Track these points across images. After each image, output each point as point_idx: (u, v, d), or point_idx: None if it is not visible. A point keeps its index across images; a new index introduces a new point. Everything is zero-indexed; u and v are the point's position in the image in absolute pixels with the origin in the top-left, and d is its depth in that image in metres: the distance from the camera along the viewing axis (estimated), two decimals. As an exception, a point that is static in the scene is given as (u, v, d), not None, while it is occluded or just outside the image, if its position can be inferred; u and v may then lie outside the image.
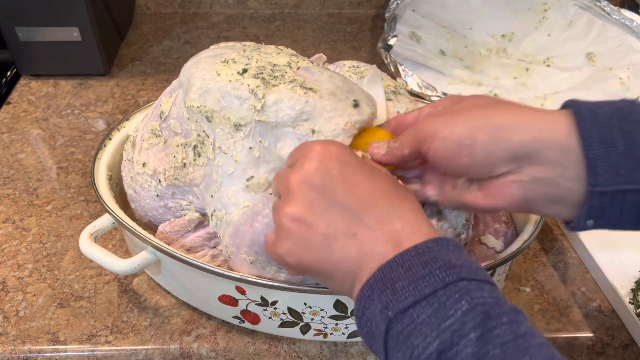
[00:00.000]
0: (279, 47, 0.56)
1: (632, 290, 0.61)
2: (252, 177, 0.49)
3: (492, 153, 0.39)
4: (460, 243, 0.38)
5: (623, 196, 0.37)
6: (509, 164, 0.39)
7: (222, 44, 0.56)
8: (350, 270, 0.38)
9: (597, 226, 0.40)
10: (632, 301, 0.60)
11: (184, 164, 0.54)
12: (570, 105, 0.39)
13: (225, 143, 0.50)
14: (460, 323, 0.32)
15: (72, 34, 0.88)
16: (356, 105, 0.49)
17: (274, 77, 0.49)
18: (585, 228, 0.40)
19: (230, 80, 0.49)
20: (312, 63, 0.54)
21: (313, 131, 0.47)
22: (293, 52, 0.55)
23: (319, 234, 0.38)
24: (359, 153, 0.46)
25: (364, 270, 0.37)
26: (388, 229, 0.37)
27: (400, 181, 0.44)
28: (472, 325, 0.32)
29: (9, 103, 0.90)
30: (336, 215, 0.38)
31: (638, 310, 0.59)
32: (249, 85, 0.49)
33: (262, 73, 0.50)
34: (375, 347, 0.36)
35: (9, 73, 0.97)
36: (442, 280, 0.34)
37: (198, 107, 0.50)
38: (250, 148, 0.49)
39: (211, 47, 0.56)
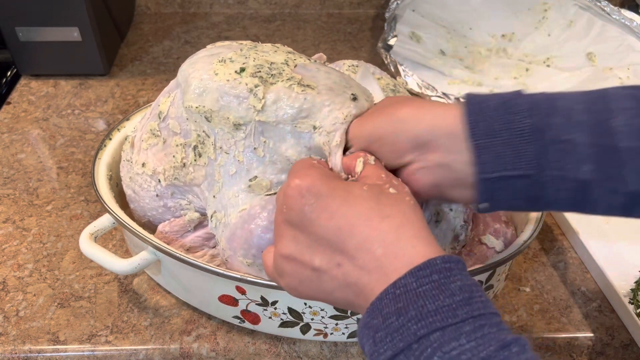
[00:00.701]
0: (276, 45, 0.56)
1: (632, 290, 0.61)
2: (256, 177, 0.49)
3: (397, 144, 0.43)
4: (454, 258, 0.36)
5: (507, 181, 0.40)
6: (413, 152, 0.43)
7: (218, 44, 0.56)
8: (345, 297, 0.38)
9: (493, 208, 0.42)
10: (632, 301, 0.60)
11: (184, 164, 0.53)
12: (466, 98, 0.42)
13: (227, 143, 0.50)
14: None
15: (72, 34, 0.88)
16: (355, 98, 0.49)
17: (272, 75, 0.49)
18: (484, 210, 0.42)
19: (228, 80, 0.49)
20: (309, 60, 0.54)
21: (314, 127, 0.48)
22: (290, 49, 0.55)
23: (308, 268, 0.39)
24: (361, 159, 0.45)
25: (358, 299, 0.37)
26: (369, 258, 0.37)
27: (390, 186, 0.41)
28: None
29: (9, 103, 0.90)
30: (319, 248, 0.38)
31: (638, 310, 0.59)
32: (247, 84, 0.49)
33: (260, 71, 0.50)
34: None
35: (9, 73, 0.97)
36: (414, 333, 0.33)
37: (197, 107, 0.50)
38: (254, 148, 0.49)
39: (208, 46, 0.56)
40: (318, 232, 0.38)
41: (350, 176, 0.45)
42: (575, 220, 0.68)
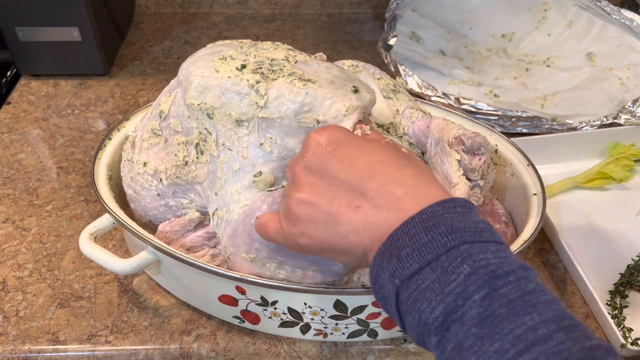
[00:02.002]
0: (276, 42, 0.56)
1: (611, 292, 0.62)
2: (261, 173, 0.49)
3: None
4: (470, 201, 0.39)
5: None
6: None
7: (218, 42, 0.56)
8: (359, 241, 0.39)
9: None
10: (609, 303, 0.61)
11: (186, 162, 0.53)
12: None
13: (229, 139, 0.50)
14: (463, 286, 0.33)
15: (72, 34, 0.88)
16: (356, 91, 0.49)
17: (273, 71, 0.50)
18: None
19: (229, 77, 0.49)
20: (310, 57, 0.54)
21: (318, 121, 0.48)
22: (290, 47, 0.55)
23: (325, 212, 0.40)
24: (358, 131, 0.47)
25: (373, 239, 0.38)
26: (390, 197, 0.38)
27: (400, 146, 0.44)
28: (476, 287, 0.33)
29: (9, 103, 0.90)
30: (338, 192, 0.40)
31: (614, 312, 0.59)
32: (248, 81, 0.49)
33: (261, 68, 0.50)
34: (390, 312, 0.38)
35: (9, 73, 0.97)
36: (444, 245, 0.35)
37: (198, 104, 0.50)
38: (260, 144, 0.49)
39: (207, 45, 0.56)
40: (339, 176, 0.40)
41: None
42: (556, 220, 0.69)
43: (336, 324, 0.54)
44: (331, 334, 0.55)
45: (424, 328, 0.35)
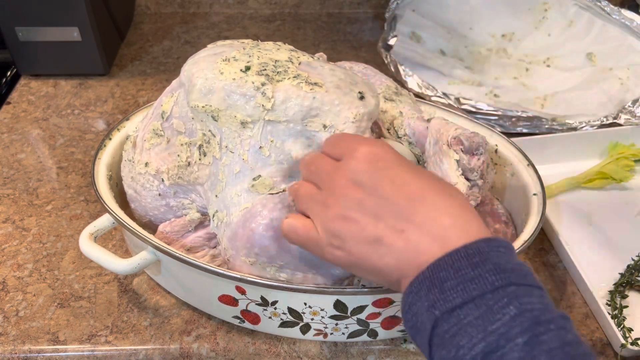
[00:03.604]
0: (277, 43, 0.56)
1: (610, 292, 0.62)
2: (259, 176, 0.49)
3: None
4: (512, 244, 0.39)
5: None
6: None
7: (219, 43, 0.56)
8: (397, 266, 0.38)
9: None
10: (609, 303, 0.61)
11: (189, 163, 0.53)
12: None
13: (232, 142, 0.50)
14: (507, 327, 0.33)
15: (72, 34, 0.88)
16: (362, 97, 0.49)
17: (277, 72, 0.50)
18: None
19: (234, 79, 0.49)
20: (312, 57, 0.54)
21: (324, 126, 0.48)
22: (291, 47, 0.55)
23: (369, 231, 0.39)
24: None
25: (411, 266, 0.38)
26: (437, 226, 0.38)
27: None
28: (520, 330, 0.32)
29: (9, 103, 0.90)
30: (385, 213, 0.39)
31: (614, 312, 0.59)
32: (253, 83, 0.49)
33: (265, 69, 0.50)
34: (419, 342, 0.37)
35: (9, 73, 0.97)
36: (492, 283, 0.34)
37: (203, 106, 0.50)
38: (260, 147, 0.49)
39: (209, 45, 0.56)
40: (388, 196, 0.39)
41: None
42: (556, 220, 0.68)
43: (336, 324, 0.54)
44: (331, 334, 0.55)
45: None
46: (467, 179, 0.53)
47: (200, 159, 0.53)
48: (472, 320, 0.34)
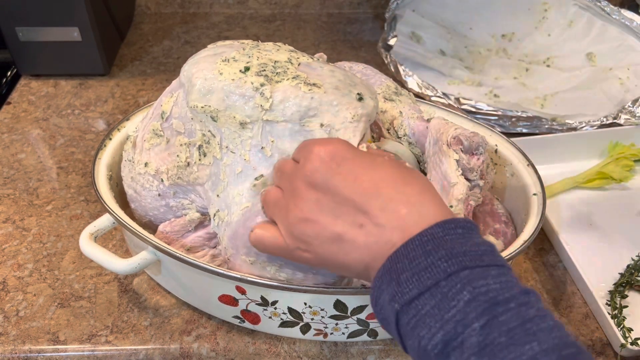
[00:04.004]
0: (277, 43, 0.56)
1: (610, 292, 0.62)
2: (262, 176, 0.49)
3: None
4: (472, 221, 0.39)
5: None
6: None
7: (219, 43, 0.56)
8: (362, 259, 0.39)
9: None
10: (609, 303, 0.61)
11: (188, 163, 0.54)
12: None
13: (233, 142, 0.50)
14: (463, 313, 0.33)
15: (72, 34, 0.88)
16: (360, 98, 0.49)
17: (277, 73, 0.50)
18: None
19: (233, 79, 0.49)
20: (312, 58, 0.54)
21: (322, 125, 0.48)
22: (292, 48, 0.55)
23: (330, 230, 0.40)
24: (363, 146, 0.47)
25: (375, 258, 0.38)
26: (393, 216, 0.38)
27: (404, 162, 0.44)
28: (476, 315, 0.33)
29: (9, 103, 0.90)
30: (342, 209, 0.39)
31: (614, 312, 0.59)
32: (252, 83, 0.49)
33: (265, 70, 0.50)
34: (391, 333, 0.38)
35: (9, 73, 0.97)
36: (444, 270, 0.34)
37: (202, 107, 0.50)
38: (262, 147, 0.49)
39: (209, 46, 0.56)
40: (343, 193, 0.39)
41: None
42: (556, 220, 0.68)
43: (336, 324, 0.54)
44: (331, 334, 0.55)
45: (424, 354, 0.34)
46: (467, 179, 0.53)
47: (200, 160, 0.53)
48: (429, 310, 0.34)
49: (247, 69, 0.50)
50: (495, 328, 0.32)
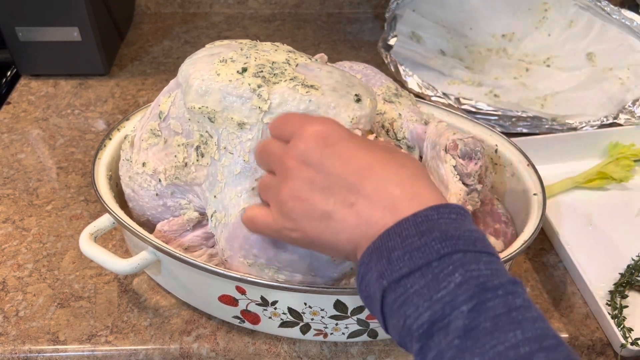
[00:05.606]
0: (275, 43, 0.56)
1: (611, 292, 0.62)
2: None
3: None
4: (465, 208, 0.39)
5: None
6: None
7: (217, 43, 0.56)
8: (350, 239, 0.39)
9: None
10: (609, 303, 0.61)
11: (186, 164, 0.53)
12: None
13: (231, 143, 0.50)
14: (452, 295, 0.33)
15: (72, 34, 0.88)
16: (358, 100, 0.49)
17: (274, 74, 0.50)
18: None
19: (230, 80, 0.49)
20: (310, 59, 0.54)
21: None
22: (290, 48, 0.55)
23: (320, 209, 0.40)
24: (358, 131, 0.47)
25: (364, 238, 0.38)
26: (386, 196, 0.38)
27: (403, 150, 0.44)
28: (465, 298, 0.33)
29: (9, 103, 0.90)
30: (335, 188, 0.39)
31: (614, 312, 0.59)
32: (249, 85, 0.49)
33: (262, 71, 0.50)
34: (374, 312, 0.37)
35: (9, 73, 0.97)
36: (437, 252, 0.34)
37: (200, 107, 0.50)
38: None
39: (206, 46, 0.56)
40: (337, 172, 0.39)
41: None
42: (556, 220, 0.68)
43: (336, 324, 0.54)
44: (331, 334, 0.55)
45: (407, 333, 0.34)
46: (465, 184, 0.53)
47: (197, 160, 0.53)
48: (419, 289, 0.34)
49: (244, 69, 0.50)
50: (482, 313, 0.32)
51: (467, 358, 0.31)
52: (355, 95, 0.49)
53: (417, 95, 0.83)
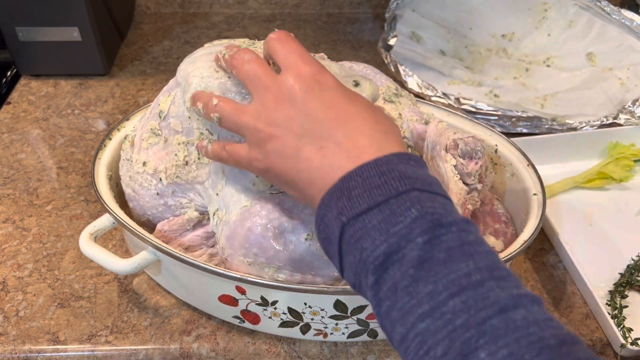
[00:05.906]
0: None
1: (610, 292, 0.62)
2: None
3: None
4: (424, 161, 0.40)
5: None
6: None
7: (216, 42, 0.56)
8: (311, 179, 0.40)
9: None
10: (609, 303, 0.61)
11: (186, 162, 0.54)
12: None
13: (232, 140, 0.50)
14: (408, 229, 0.34)
15: (72, 34, 0.88)
16: (357, 84, 0.49)
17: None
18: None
19: (229, 77, 0.49)
20: None
21: None
22: None
23: (290, 145, 0.41)
24: None
25: (325, 181, 0.39)
26: (354, 145, 0.39)
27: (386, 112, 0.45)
28: (420, 231, 0.34)
29: (9, 103, 0.90)
30: (310, 130, 0.40)
31: (614, 312, 0.59)
32: None
33: None
34: (331, 252, 0.39)
35: (9, 73, 0.97)
36: (396, 189, 0.36)
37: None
38: None
39: (205, 45, 0.56)
40: (317, 116, 0.40)
41: None
42: (556, 220, 0.68)
43: (336, 324, 0.54)
44: (331, 334, 0.55)
45: (363, 267, 0.35)
46: (465, 183, 0.53)
47: (199, 158, 0.53)
48: (376, 224, 0.35)
49: None
50: (436, 245, 0.34)
51: (420, 286, 0.33)
52: (354, 81, 0.50)
53: (417, 95, 0.83)
